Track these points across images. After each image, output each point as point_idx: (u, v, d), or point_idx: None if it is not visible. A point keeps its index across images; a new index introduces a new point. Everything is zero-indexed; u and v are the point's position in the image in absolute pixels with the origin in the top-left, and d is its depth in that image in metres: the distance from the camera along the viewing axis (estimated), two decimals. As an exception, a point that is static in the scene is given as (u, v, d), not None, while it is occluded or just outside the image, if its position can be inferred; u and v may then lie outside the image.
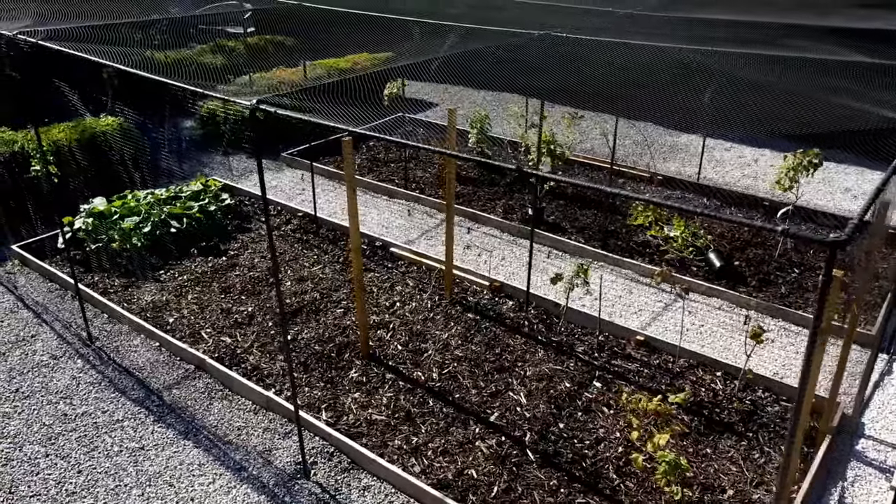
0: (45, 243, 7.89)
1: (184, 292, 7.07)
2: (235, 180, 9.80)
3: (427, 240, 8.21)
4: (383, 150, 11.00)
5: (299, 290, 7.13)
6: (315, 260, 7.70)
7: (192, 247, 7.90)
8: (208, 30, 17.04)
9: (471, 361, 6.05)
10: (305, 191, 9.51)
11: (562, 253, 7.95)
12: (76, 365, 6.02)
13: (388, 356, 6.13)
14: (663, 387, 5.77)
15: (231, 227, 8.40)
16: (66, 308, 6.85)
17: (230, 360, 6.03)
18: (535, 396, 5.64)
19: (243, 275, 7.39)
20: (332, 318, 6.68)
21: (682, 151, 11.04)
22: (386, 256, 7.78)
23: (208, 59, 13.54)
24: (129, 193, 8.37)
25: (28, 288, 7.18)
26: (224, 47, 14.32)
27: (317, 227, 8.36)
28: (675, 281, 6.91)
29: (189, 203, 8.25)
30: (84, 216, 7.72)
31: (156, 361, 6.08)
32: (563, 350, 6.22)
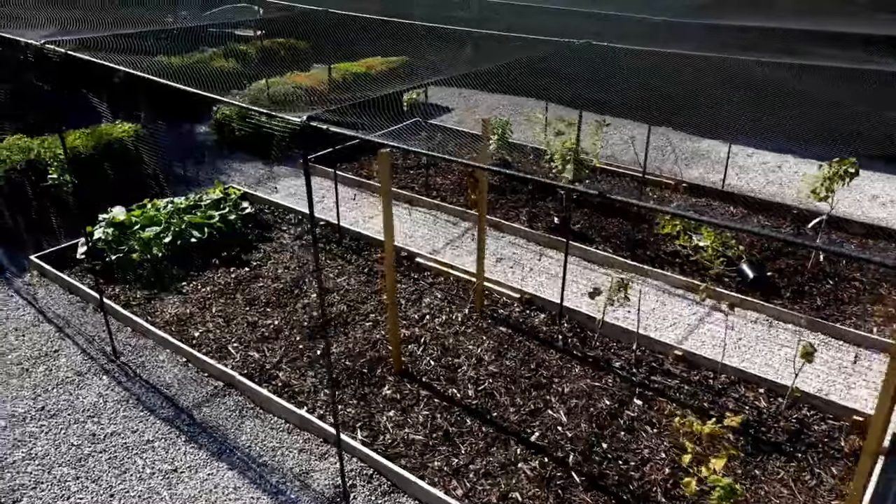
0: (64, 253, 7.73)
1: (208, 305, 6.92)
2: (253, 187, 9.65)
3: (452, 249, 8.06)
4: (400, 156, 10.85)
5: (326, 302, 6.98)
6: (340, 270, 7.55)
7: (214, 257, 7.74)
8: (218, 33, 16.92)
9: (506, 378, 5.90)
10: (325, 198, 9.36)
11: (590, 263, 7.80)
12: (102, 381, 5.87)
13: (421, 372, 5.98)
14: (706, 404, 5.62)
15: (252, 236, 8.25)
16: (88, 321, 6.69)
17: (260, 377, 5.88)
18: (575, 415, 5.49)
19: (267, 286, 7.24)
20: (362, 331, 6.53)
21: (703, 157, 10.90)
22: (412, 267, 7.63)
23: (221, 63, 13.41)
24: (148, 202, 8.21)
25: (48, 300, 7.03)
26: (236, 51, 14.17)
27: (340, 237, 8.21)
28: (720, 297, 6.72)
29: (209, 212, 8.10)
30: (104, 226, 7.56)
31: (183, 378, 5.92)
32: (599, 365, 6.08)
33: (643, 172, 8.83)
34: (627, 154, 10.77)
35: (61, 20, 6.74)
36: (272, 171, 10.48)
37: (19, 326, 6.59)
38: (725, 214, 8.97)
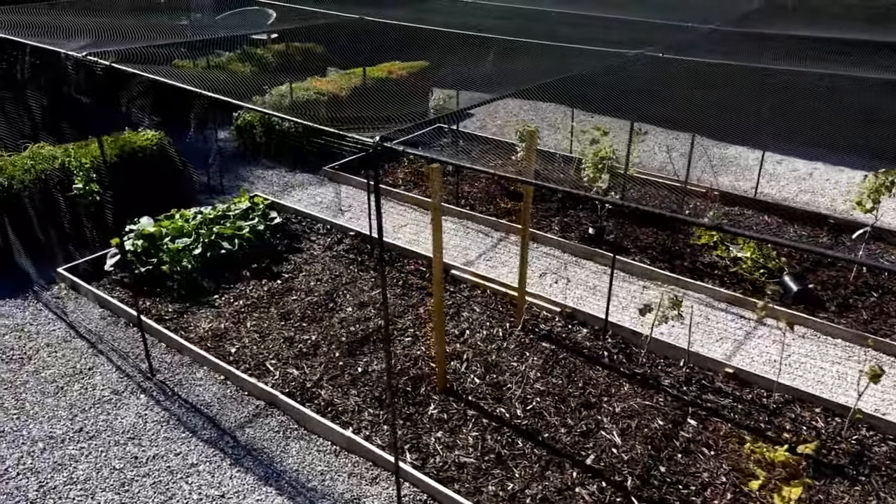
0: (92, 265, 7.58)
1: (242, 319, 6.77)
2: (279, 196, 9.50)
3: (486, 261, 7.91)
4: (425, 162, 10.69)
5: (362, 316, 6.83)
6: (374, 283, 7.40)
7: (244, 269, 7.59)
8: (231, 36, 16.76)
9: (554, 396, 5.75)
10: (352, 207, 9.21)
11: (628, 275, 7.65)
12: (140, 401, 5.72)
13: (467, 390, 5.83)
14: (761, 425, 5.47)
15: (281, 247, 8.10)
16: (121, 337, 6.54)
17: (301, 396, 5.73)
18: (629, 436, 5.34)
19: (301, 300, 7.09)
20: (402, 347, 6.38)
21: (732, 164, 10.75)
22: (448, 279, 7.48)
23: (238, 68, 13.27)
24: (175, 213, 8.06)
25: (79, 314, 6.88)
26: (253, 55, 14.02)
27: (371, 248, 8.05)
28: (778, 314, 6.55)
29: (239, 223, 7.95)
30: (133, 238, 7.41)
31: (223, 397, 5.77)
32: (649, 383, 5.93)
33: (685, 183, 8.62)
34: (655, 160, 10.62)
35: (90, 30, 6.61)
36: (269, 172, 10.33)
37: (51, 342, 6.44)
38: (760, 224, 8.82)
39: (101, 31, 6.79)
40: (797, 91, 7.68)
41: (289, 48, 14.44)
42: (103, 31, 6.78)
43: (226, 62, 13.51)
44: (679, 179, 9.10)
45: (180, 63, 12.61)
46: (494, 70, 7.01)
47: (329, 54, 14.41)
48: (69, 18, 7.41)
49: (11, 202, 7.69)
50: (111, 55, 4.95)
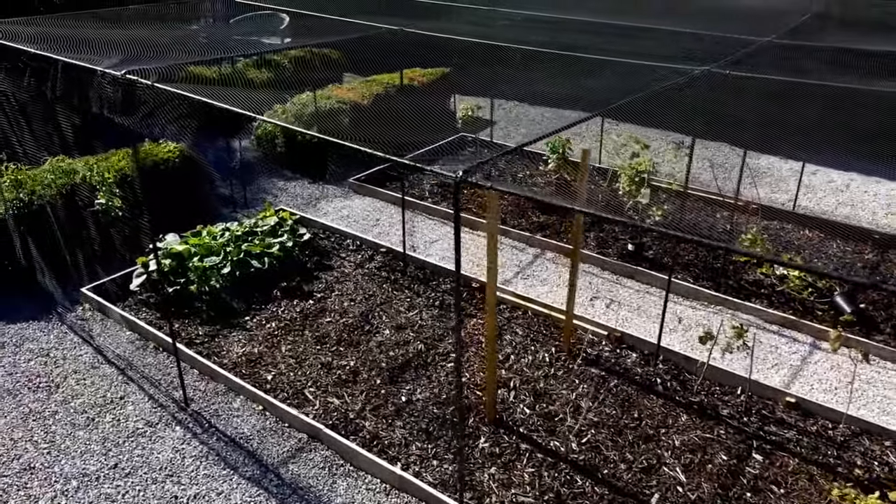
0: (117, 284, 7.32)
1: (276, 343, 6.50)
2: (303, 209, 9.24)
3: (524, 279, 7.65)
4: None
5: (400, 339, 6.57)
6: (410, 304, 7.14)
7: (274, 288, 7.33)
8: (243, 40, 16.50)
9: (610, 428, 5.49)
10: (380, 222, 8.94)
11: (672, 295, 7.37)
12: (175, 434, 5.45)
13: (517, 421, 5.57)
14: (830, 460, 5.21)
15: (311, 264, 7.83)
16: (151, 363, 6.28)
17: (345, 428, 5.47)
18: (693, 472, 5.07)
19: (336, 321, 6.82)
20: (444, 373, 6.11)
21: (766, 175, 10.48)
22: (484, 299, 7.20)
23: (254, 75, 13.01)
24: (201, 229, 7.80)
25: (106, 338, 6.61)
26: (269, 61, 13.76)
27: (404, 265, 7.79)
28: (851, 345, 6.26)
29: (268, 240, 7.68)
30: (160, 256, 7.13)
31: (263, 429, 5.51)
32: (707, 413, 5.66)
33: (735, 198, 8.30)
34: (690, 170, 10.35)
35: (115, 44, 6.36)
36: (291, 184, 10.06)
37: (79, 369, 6.18)
38: (802, 239, 8.56)
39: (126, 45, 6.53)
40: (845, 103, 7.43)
41: (305, 53, 14.16)
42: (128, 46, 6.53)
43: (242, 68, 13.25)
44: (721, 193, 8.83)
45: (196, 69, 12.39)
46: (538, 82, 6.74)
47: (345, 60, 14.16)
48: (85, 31, 7.14)
49: (33, 219, 7.43)
50: (152, 74, 4.69)
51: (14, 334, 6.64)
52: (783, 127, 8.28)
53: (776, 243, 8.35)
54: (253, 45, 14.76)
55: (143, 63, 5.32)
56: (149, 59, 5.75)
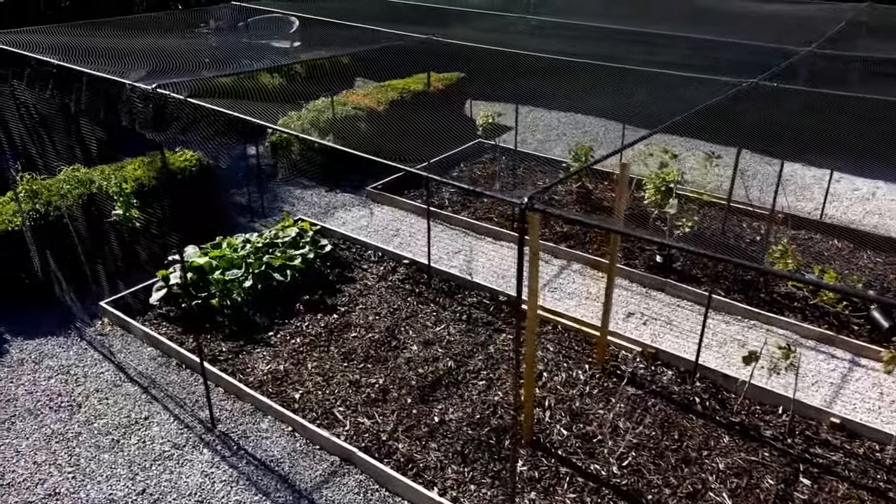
0: (136, 298, 7.16)
1: (302, 359, 6.34)
2: (321, 218, 9.07)
3: (550, 291, 7.48)
4: (469, 180, 10.26)
5: (429, 356, 6.41)
6: (436, 318, 6.97)
7: (296, 301, 7.17)
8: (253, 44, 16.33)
9: (650, 450, 5.33)
10: (400, 232, 8.78)
11: (702, 308, 7.20)
12: (203, 457, 5.29)
13: (555, 443, 5.40)
14: (881, 484, 5.05)
15: (332, 276, 7.67)
16: (174, 381, 6.11)
17: (378, 451, 5.30)
18: (740, 497, 4.92)
19: (362, 336, 6.66)
20: (476, 392, 5.95)
21: (788, 183, 10.31)
22: (513, 313, 7.05)
23: (267, 80, 12.85)
24: (221, 240, 7.63)
25: (126, 354, 6.45)
26: (281, 66, 13.58)
27: (428, 278, 7.62)
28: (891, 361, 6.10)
29: (289, 252, 7.52)
30: (180, 270, 6.97)
31: (293, 451, 5.34)
32: (749, 434, 5.50)
33: (772, 211, 8.10)
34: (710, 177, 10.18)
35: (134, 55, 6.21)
36: (308, 192, 9.89)
37: (100, 387, 6.01)
38: (831, 250, 8.40)
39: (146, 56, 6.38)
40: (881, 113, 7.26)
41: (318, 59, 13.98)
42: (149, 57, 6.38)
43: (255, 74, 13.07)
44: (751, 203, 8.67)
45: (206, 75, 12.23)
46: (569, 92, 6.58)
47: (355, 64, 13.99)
48: (102, 40, 6.97)
49: (49, 230, 7.28)
50: (184, 88, 4.54)
51: (33, 350, 6.47)
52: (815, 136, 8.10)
53: (806, 255, 8.19)
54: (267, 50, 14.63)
55: (170, 76, 5.17)
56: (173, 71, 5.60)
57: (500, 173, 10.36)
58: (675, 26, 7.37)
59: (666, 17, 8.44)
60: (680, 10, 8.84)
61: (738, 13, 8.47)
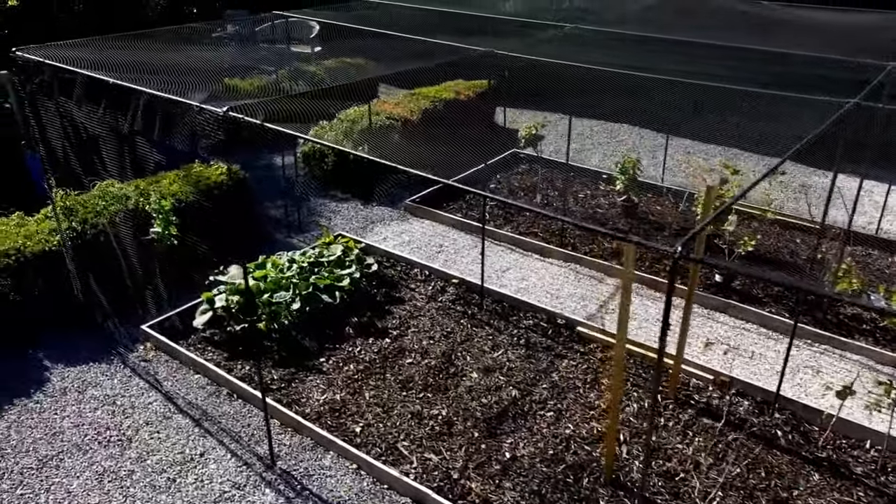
0: (178, 320, 6.87)
1: (358, 388, 6.05)
2: (360, 233, 8.78)
3: (610, 313, 7.19)
4: (508, 192, 9.97)
5: (491, 384, 6.12)
6: (493, 342, 6.68)
7: (345, 324, 6.88)
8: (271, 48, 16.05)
9: (738, 490, 5.04)
10: (444, 248, 8.48)
11: (769, 331, 6.92)
12: (267, 498, 4.99)
13: (635, 481, 5.11)
14: None
15: (380, 297, 7.38)
16: (227, 412, 5.82)
17: (451, 490, 5.01)
18: (842, 544, 4.63)
19: (417, 363, 6.37)
20: (545, 424, 5.66)
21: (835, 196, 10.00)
22: (572, 337, 6.77)
23: (290, 86, 12.55)
24: (266, 260, 7.34)
25: (174, 383, 6.15)
26: (304, 72, 13.30)
27: (480, 298, 7.33)
28: None
29: (336, 271, 7.22)
30: (227, 293, 6.68)
31: (361, 492, 5.05)
32: (839, 472, 5.22)
33: (847, 231, 7.78)
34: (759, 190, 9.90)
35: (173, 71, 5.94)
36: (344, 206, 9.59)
37: (150, 419, 5.72)
38: (892, 267, 8.11)
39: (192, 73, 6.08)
40: None
41: (341, 63, 13.70)
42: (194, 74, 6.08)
43: (278, 80, 12.79)
44: (812, 219, 8.38)
45: (231, 82, 11.94)
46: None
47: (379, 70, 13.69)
48: (137, 55, 6.66)
49: (86, 249, 6.98)
50: (260, 112, 4.26)
51: (75, 378, 6.18)
52: (878, 149, 7.81)
53: (866, 272, 7.90)
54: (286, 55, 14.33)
55: (235, 98, 4.90)
56: (229, 95, 5.34)
57: (540, 185, 10.06)
58: (736, 37, 7.09)
59: (732, 28, 8.13)
60: (746, 20, 8.51)
61: (817, 25, 8.17)
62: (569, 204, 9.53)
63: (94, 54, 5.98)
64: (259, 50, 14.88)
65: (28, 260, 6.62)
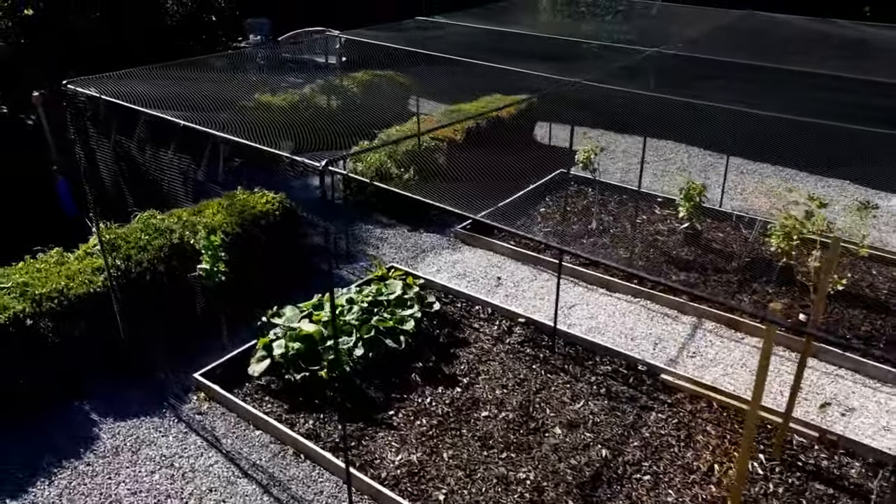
0: (231, 366, 6.40)
1: (434, 446, 5.59)
2: (410, 263, 8.32)
3: (690, 356, 6.73)
4: (560, 217, 9.49)
5: (577, 441, 5.65)
6: (571, 392, 6.22)
7: (409, 369, 6.43)
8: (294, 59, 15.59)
9: (869, 572, 4.58)
10: (503, 282, 8.01)
11: (867, 378, 6.46)
12: (353, 582, 4.53)
13: (755, 561, 4.65)
14: None
15: (443, 338, 6.92)
16: (295, 476, 5.35)
17: (555, 573, 4.55)
18: None
19: (494, 416, 5.91)
20: (644, 490, 5.20)
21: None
22: (656, 386, 6.30)
23: (322, 102, 12.09)
24: (322, 299, 6.87)
25: (233, 440, 5.68)
26: (336, 87, 12.82)
27: (552, 341, 6.86)
28: None
29: (398, 312, 6.76)
30: (287, 339, 6.22)
31: (455, 574, 4.59)
32: (976, 549, 4.75)
33: None
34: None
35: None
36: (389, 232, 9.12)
37: (214, 486, 5.25)
38: None
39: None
40: None
41: (374, 77, 13.21)
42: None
43: (310, 95, 12.32)
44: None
45: (263, 98, 11.47)
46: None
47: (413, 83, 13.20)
48: (182, 88, 6.12)
49: (131, 289, 6.51)
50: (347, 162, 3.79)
51: (127, 435, 5.71)
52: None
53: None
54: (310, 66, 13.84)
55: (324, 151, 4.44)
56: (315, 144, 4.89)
57: (593, 209, 9.59)
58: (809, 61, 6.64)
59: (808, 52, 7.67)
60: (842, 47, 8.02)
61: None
62: (626, 229, 9.06)
63: (149, 87, 5.51)
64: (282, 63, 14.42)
65: (72, 303, 6.16)
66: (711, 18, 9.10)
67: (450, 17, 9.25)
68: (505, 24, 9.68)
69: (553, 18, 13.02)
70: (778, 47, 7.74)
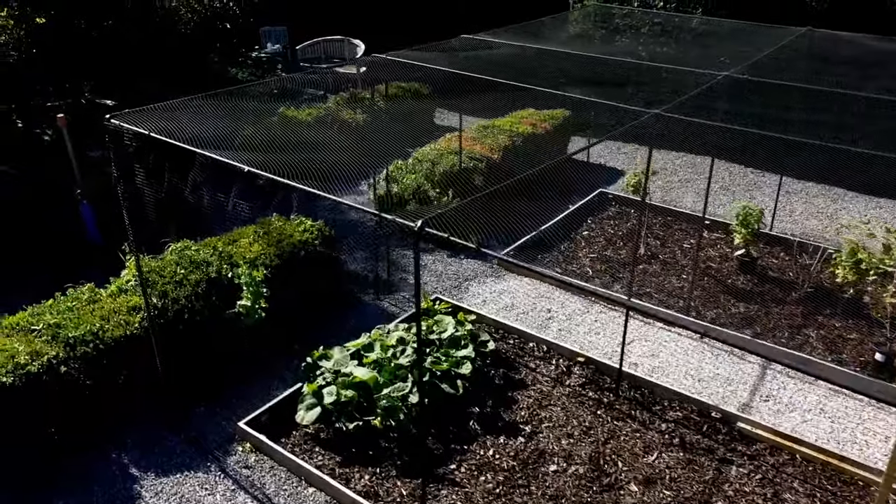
0: (277, 414, 5.99)
1: (503, 508, 5.18)
2: (453, 293, 7.91)
3: (764, 401, 6.32)
4: (605, 241, 9.09)
5: (657, 501, 5.25)
6: (643, 442, 5.81)
7: (465, 415, 6.03)
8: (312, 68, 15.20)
9: None
10: (553, 314, 7.60)
11: (951, 425, 6.07)
12: None
13: None
14: None
15: (499, 379, 6.51)
16: (357, 542, 4.94)
17: None
18: None
19: (563, 470, 5.50)
20: (736, 560, 4.79)
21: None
22: (733, 436, 5.90)
23: (348, 116, 11.67)
24: (368, 337, 6.46)
25: (286, 499, 5.27)
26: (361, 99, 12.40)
27: (616, 384, 6.45)
28: None
29: (452, 352, 6.35)
30: (339, 386, 5.81)
31: None
32: None
33: None
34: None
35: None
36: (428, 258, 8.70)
37: (270, 555, 4.84)
38: None
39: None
40: None
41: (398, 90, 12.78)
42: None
43: (334, 108, 11.90)
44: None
45: (288, 112, 11.05)
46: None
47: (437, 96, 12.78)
48: (225, 123, 5.65)
49: (169, 330, 6.09)
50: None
51: (171, 493, 5.30)
52: None
53: None
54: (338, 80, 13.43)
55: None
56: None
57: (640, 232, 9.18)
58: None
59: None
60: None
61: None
62: (676, 256, 8.66)
63: (196, 122, 5.07)
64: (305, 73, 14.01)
65: (108, 346, 5.75)
66: (767, 36, 8.69)
67: (494, 35, 8.82)
68: (549, 41, 9.26)
69: (592, 33, 12.59)
70: (854, 71, 7.34)
